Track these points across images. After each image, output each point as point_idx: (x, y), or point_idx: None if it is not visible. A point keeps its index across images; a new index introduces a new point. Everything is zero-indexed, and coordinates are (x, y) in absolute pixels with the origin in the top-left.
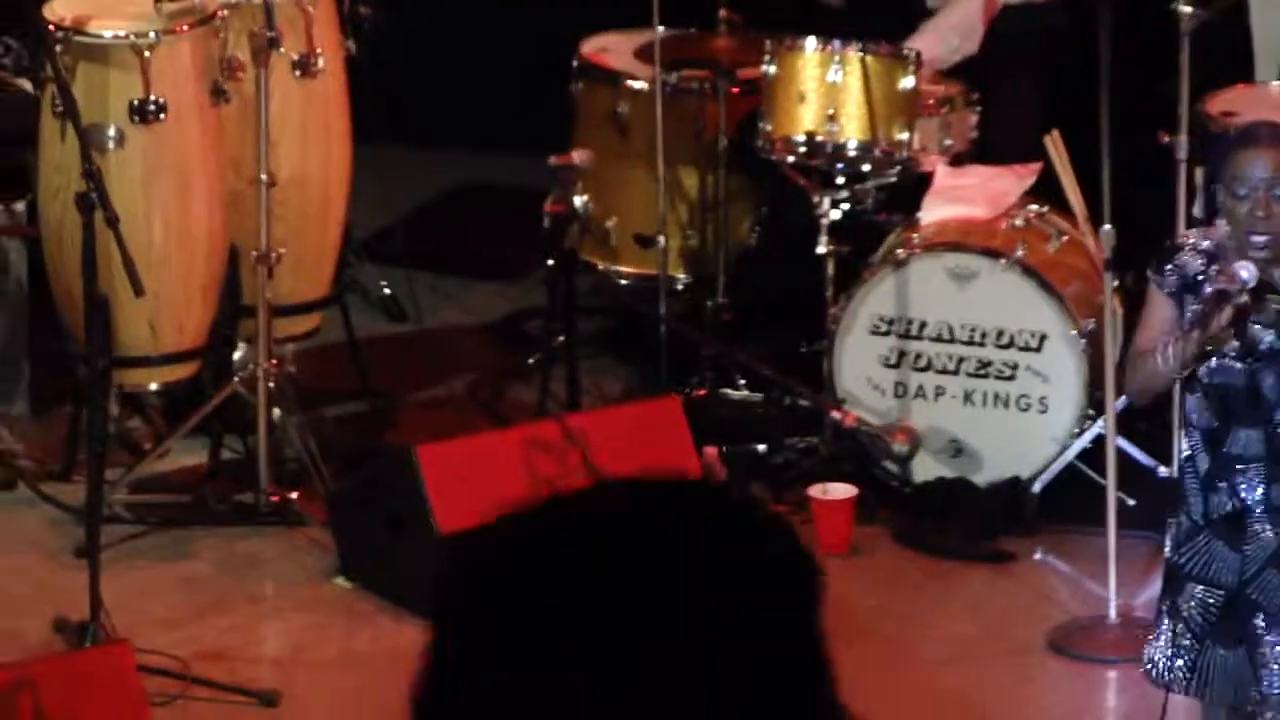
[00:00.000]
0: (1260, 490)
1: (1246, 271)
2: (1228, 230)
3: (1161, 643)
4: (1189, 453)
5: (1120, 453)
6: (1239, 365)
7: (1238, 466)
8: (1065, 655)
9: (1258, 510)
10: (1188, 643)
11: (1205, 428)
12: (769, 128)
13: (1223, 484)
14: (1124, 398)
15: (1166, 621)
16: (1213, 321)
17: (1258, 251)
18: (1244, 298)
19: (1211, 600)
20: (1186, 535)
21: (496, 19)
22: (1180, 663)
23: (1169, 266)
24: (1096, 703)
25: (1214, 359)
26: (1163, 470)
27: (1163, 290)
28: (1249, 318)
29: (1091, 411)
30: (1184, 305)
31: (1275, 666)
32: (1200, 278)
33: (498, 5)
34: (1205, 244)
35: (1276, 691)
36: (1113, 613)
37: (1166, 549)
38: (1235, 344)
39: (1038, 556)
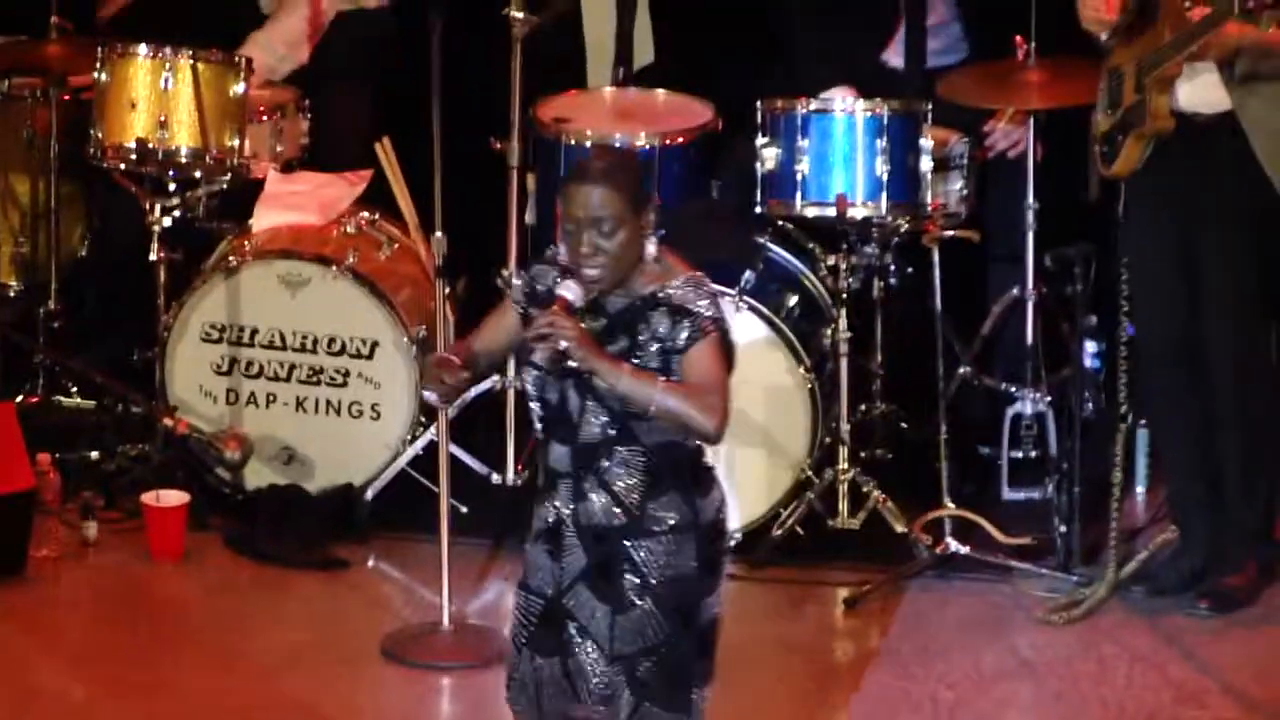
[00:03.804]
0: (570, 506)
1: (571, 293)
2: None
3: None
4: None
5: (453, 459)
6: (568, 380)
7: (556, 480)
8: (399, 662)
9: (569, 524)
10: (514, 651)
11: (540, 439)
12: (100, 134)
13: (548, 495)
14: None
15: None
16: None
17: (591, 284)
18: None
19: (533, 608)
20: (529, 547)
21: None
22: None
23: (522, 276)
24: (430, 709)
25: (535, 370)
26: (495, 477)
27: (509, 296)
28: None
29: (424, 418)
30: (529, 316)
31: (587, 676)
32: (549, 291)
33: None
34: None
35: (588, 700)
36: (446, 619)
37: None
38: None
39: (370, 563)
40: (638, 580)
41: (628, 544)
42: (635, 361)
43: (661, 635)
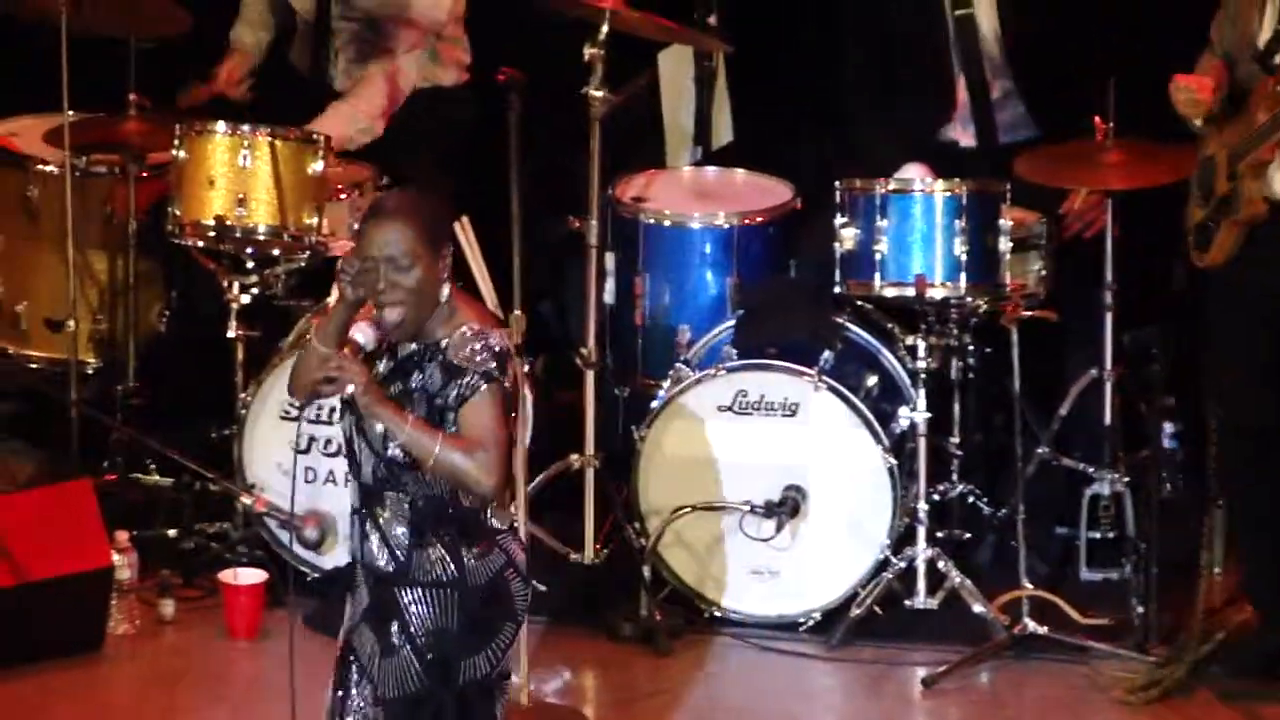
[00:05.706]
0: (358, 544)
1: (363, 335)
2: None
3: None
4: None
5: (532, 538)
6: (352, 417)
7: (352, 516)
8: None
9: (359, 562)
10: None
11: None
12: (178, 212)
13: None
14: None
15: None
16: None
17: (391, 329)
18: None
19: (339, 650)
20: None
21: None
22: None
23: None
24: None
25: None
26: (574, 556)
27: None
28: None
29: None
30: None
31: (355, 713)
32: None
33: None
34: None
35: None
36: (525, 698)
37: None
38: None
39: None
40: (400, 627)
41: (397, 590)
42: (408, 410)
43: (420, 686)
